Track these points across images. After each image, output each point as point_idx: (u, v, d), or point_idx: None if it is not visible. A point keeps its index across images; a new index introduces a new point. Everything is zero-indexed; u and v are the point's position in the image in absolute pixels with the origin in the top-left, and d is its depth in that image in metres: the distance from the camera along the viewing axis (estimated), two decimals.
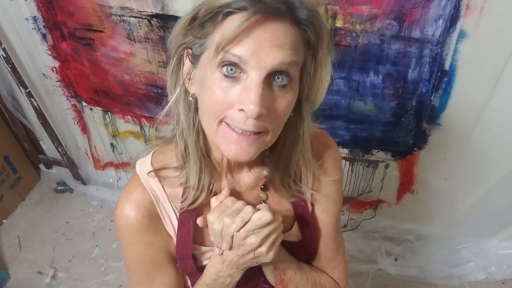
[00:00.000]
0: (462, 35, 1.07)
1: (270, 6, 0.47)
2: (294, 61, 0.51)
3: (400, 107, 1.26)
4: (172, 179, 0.65)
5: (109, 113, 1.65)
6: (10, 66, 1.54)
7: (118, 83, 1.50)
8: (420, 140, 1.34)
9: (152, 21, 1.27)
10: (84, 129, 1.79)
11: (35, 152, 2.01)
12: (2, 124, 1.85)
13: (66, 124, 1.78)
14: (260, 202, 0.69)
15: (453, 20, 1.05)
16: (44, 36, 1.47)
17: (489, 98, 1.17)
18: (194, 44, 0.53)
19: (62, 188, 2.04)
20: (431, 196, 1.50)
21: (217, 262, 0.63)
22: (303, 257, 0.76)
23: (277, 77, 0.51)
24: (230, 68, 0.49)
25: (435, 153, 1.36)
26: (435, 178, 1.44)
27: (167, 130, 0.67)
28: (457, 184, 1.42)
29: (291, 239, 0.72)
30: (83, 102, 1.66)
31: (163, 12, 1.24)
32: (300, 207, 0.71)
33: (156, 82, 1.43)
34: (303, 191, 0.70)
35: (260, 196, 0.69)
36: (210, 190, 0.64)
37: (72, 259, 1.72)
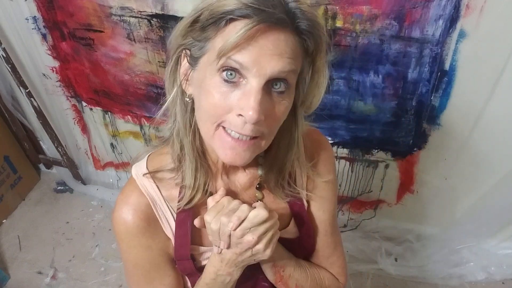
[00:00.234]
0: (462, 35, 1.07)
1: (274, 16, 0.48)
2: (293, 70, 0.52)
3: (400, 107, 1.26)
4: (168, 181, 0.66)
5: (109, 113, 1.65)
6: (10, 66, 1.54)
7: (118, 83, 1.50)
8: (420, 140, 1.34)
9: (152, 21, 1.27)
10: (84, 129, 1.79)
11: (35, 152, 2.01)
12: (2, 124, 1.85)
13: (66, 124, 1.78)
14: (256, 201, 0.69)
15: (453, 20, 1.05)
16: (44, 36, 1.47)
17: (489, 98, 1.17)
18: (194, 46, 0.54)
19: (62, 188, 2.04)
20: (431, 196, 1.50)
21: (216, 261, 0.64)
22: (301, 254, 0.77)
23: (276, 84, 0.52)
24: (230, 73, 0.50)
25: (435, 153, 1.36)
26: (435, 178, 1.44)
27: (167, 130, 0.67)
28: (457, 184, 1.42)
29: (288, 236, 0.73)
30: (83, 102, 1.66)
31: (163, 12, 1.24)
32: (296, 205, 0.72)
33: (156, 82, 1.43)
34: (298, 191, 0.70)
35: (256, 195, 0.70)
36: (206, 190, 0.65)
37: (72, 259, 1.72)
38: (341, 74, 1.23)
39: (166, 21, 1.26)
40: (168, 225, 0.67)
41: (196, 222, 0.63)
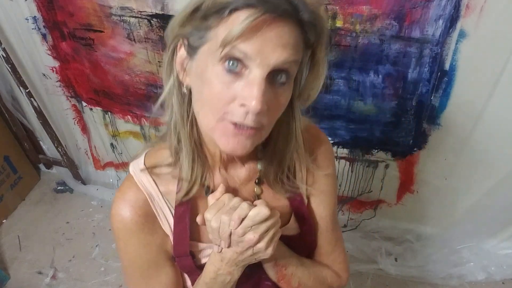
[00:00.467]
0: (462, 35, 1.07)
1: (279, 8, 0.48)
2: (295, 60, 0.52)
3: (400, 107, 1.26)
4: (166, 176, 0.65)
5: (109, 113, 1.65)
6: (10, 66, 1.54)
7: (118, 83, 1.50)
8: (420, 140, 1.34)
9: (152, 21, 1.27)
10: (84, 129, 1.79)
11: (35, 152, 2.01)
12: (2, 124, 1.85)
13: (66, 124, 1.78)
14: (255, 197, 0.69)
15: (453, 20, 1.05)
16: (44, 36, 1.47)
17: (489, 98, 1.17)
18: (192, 35, 0.53)
19: (62, 188, 2.04)
20: (431, 196, 1.50)
21: (216, 260, 0.63)
22: (303, 251, 0.76)
23: (278, 75, 0.52)
24: (232, 63, 0.50)
25: (435, 153, 1.36)
26: (435, 178, 1.44)
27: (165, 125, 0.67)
28: (457, 184, 1.42)
29: (289, 233, 0.72)
30: (83, 102, 1.66)
31: (163, 12, 1.24)
32: (296, 201, 0.71)
33: (156, 82, 1.43)
34: (298, 186, 0.70)
35: (255, 191, 0.69)
36: (203, 183, 0.64)
37: (72, 259, 1.72)
38: (341, 74, 1.23)
39: (166, 21, 1.25)
40: (166, 221, 0.67)
41: (199, 219, 0.62)
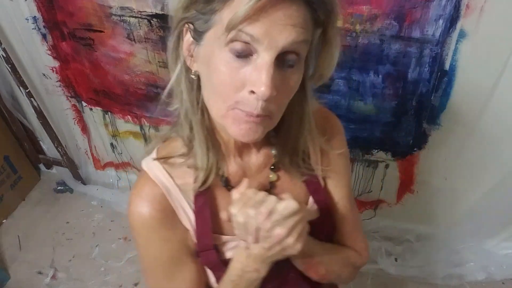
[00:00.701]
0: (462, 35, 1.07)
1: None
2: (305, 40, 0.50)
3: (400, 107, 1.26)
4: (180, 168, 0.63)
5: (109, 113, 1.65)
6: (10, 66, 1.53)
7: (118, 83, 1.50)
8: (420, 140, 1.34)
9: (152, 21, 1.27)
10: (84, 129, 1.79)
11: (35, 152, 2.01)
12: (2, 124, 1.84)
13: (66, 124, 1.78)
14: (270, 183, 0.68)
15: (453, 20, 1.05)
16: (44, 36, 1.47)
17: (489, 98, 1.17)
18: (198, 20, 0.51)
19: (62, 188, 2.04)
20: (431, 196, 1.50)
21: (243, 257, 0.60)
22: (323, 234, 0.73)
23: (287, 57, 0.50)
24: (240, 47, 0.48)
25: (435, 153, 1.36)
26: (435, 178, 1.44)
27: (167, 131, 0.66)
28: (457, 184, 1.42)
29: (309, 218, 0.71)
30: (83, 102, 1.66)
31: (163, 12, 1.24)
32: (313, 184, 0.70)
33: (156, 82, 1.43)
34: (313, 168, 0.69)
35: (270, 177, 0.68)
36: (218, 172, 0.63)
37: (72, 259, 1.72)
38: (341, 74, 1.23)
39: (166, 21, 1.25)
40: (186, 215, 0.65)
41: (224, 215, 0.60)
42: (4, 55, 1.50)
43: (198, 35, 0.52)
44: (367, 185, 1.54)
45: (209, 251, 0.66)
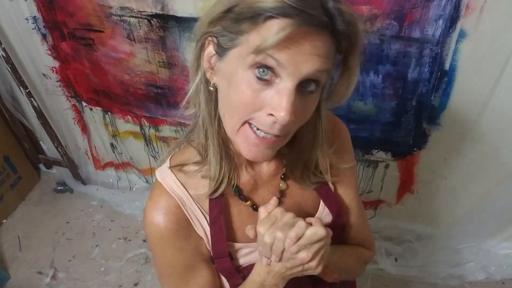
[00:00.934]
0: (462, 35, 1.07)
1: (315, 19, 0.46)
2: (327, 69, 0.51)
3: (400, 107, 1.26)
4: (194, 178, 0.65)
5: (109, 113, 1.65)
6: (10, 66, 1.54)
7: (118, 83, 1.50)
8: (420, 140, 1.34)
9: (152, 21, 1.27)
10: (84, 129, 1.79)
11: (35, 152, 2.01)
12: (2, 124, 1.85)
13: (66, 124, 1.78)
14: (280, 192, 0.70)
15: (453, 20, 1.05)
16: (44, 36, 1.47)
17: (489, 98, 1.17)
18: (223, 36, 0.51)
19: (62, 188, 2.04)
20: (431, 196, 1.50)
21: (263, 272, 0.63)
22: (335, 235, 0.74)
23: (307, 84, 0.51)
24: (263, 70, 0.49)
25: (435, 153, 1.36)
26: (435, 178, 1.44)
27: (167, 131, 0.67)
28: (457, 184, 1.42)
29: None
30: (83, 102, 1.66)
31: (163, 12, 1.24)
32: (323, 189, 0.72)
33: (156, 82, 1.43)
34: (323, 177, 0.71)
35: (281, 186, 0.70)
36: (230, 180, 0.65)
37: (72, 259, 1.72)
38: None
39: (166, 21, 1.25)
40: (200, 225, 0.67)
41: (250, 233, 0.61)
42: (4, 55, 1.50)
43: (222, 51, 0.52)
44: (367, 185, 1.54)
45: (224, 259, 0.68)
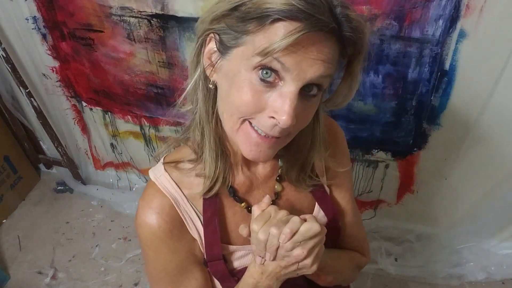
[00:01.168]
0: (462, 35, 1.07)
1: (324, 24, 0.46)
2: (331, 75, 0.51)
3: (400, 107, 1.26)
4: (188, 177, 0.64)
5: (109, 113, 1.65)
6: (10, 66, 1.53)
7: (118, 83, 1.50)
8: (420, 140, 1.34)
9: (152, 21, 1.27)
10: (84, 129, 1.79)
11: (35, 152, 2.01)
12: (2, 124, 1.84)
13: (66, 124, 1.78)
14: (275, 194, 0.69)
15: (453, 20, 1.05)
16: (44, 36, 1.47)
17: (489, 98, 1.17)
18: (227, 34, 0.50)
19: (62, 188, 2.04)
20: (431, 196, 1.50)
21: (256, 273, 0.61)
22: (330, 239, 0.74)
23: (310, 88, 0.51)
24: (266, 72, 0.48)
25: (435, 153, 1.36)
26: (435, 178, 1.44)
27: (167, 131, 0.67)
28: (457, 184, 1.42)
29: None
30: (83, 102, 1.66)
31: (163, 12, 1.24)
32: (319, 192, 0.72)
33: (156, 82, 1.43)
34: (319, 179, 0.71)
35: (276, 187, 0.69)
36: (225, 179, 0.64)
37: (72, 259, 1.72)
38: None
39: (166, 21, 1.25)
40: (193, 225, 0.66)
41: (244, 231, 0.60)
42: (4, 55, 1.50)
43: (224, 49, 0.52)
44: (367, 185, 1.54)
45: (218, 261, 0.66)
